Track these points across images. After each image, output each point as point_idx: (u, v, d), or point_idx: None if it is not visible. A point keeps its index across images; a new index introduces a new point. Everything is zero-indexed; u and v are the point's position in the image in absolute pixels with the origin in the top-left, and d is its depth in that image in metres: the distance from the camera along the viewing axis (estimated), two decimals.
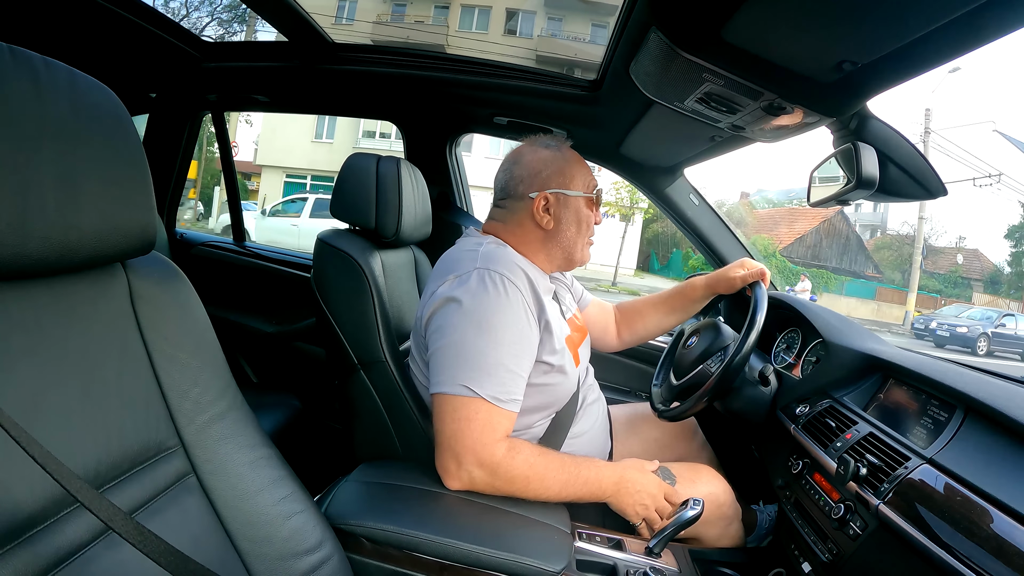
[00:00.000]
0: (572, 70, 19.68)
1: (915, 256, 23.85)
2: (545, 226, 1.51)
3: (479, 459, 1.25)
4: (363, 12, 24.35)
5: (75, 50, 2.27)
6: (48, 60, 0.70)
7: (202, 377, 0.93)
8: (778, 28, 1.11)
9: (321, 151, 26.55)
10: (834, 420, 1.37)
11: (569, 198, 1.52)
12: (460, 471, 1.27)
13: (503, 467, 1.26)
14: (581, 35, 24.47)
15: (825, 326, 1.68)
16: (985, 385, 1.17)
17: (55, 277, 0.76)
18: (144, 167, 0.81)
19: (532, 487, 1.29)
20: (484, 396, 1.26)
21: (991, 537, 0.86)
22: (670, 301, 1.95)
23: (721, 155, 2.06)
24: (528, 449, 1.32)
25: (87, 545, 0.73)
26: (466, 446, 1.26)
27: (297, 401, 2.30)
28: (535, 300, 1.39)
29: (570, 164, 1.54)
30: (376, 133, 26.31)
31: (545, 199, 1.49)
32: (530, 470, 1.29)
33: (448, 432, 1.28)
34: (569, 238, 1.54)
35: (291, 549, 0.95)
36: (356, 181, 1.74)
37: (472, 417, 1.26)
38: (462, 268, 1.37)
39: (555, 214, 1.51)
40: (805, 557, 1.28)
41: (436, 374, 1.33)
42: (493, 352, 1.29)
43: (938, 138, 20.68)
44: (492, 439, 1.27)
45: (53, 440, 0.69)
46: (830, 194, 1.48)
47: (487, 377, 1.27)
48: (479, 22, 25.15)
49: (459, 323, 1.31)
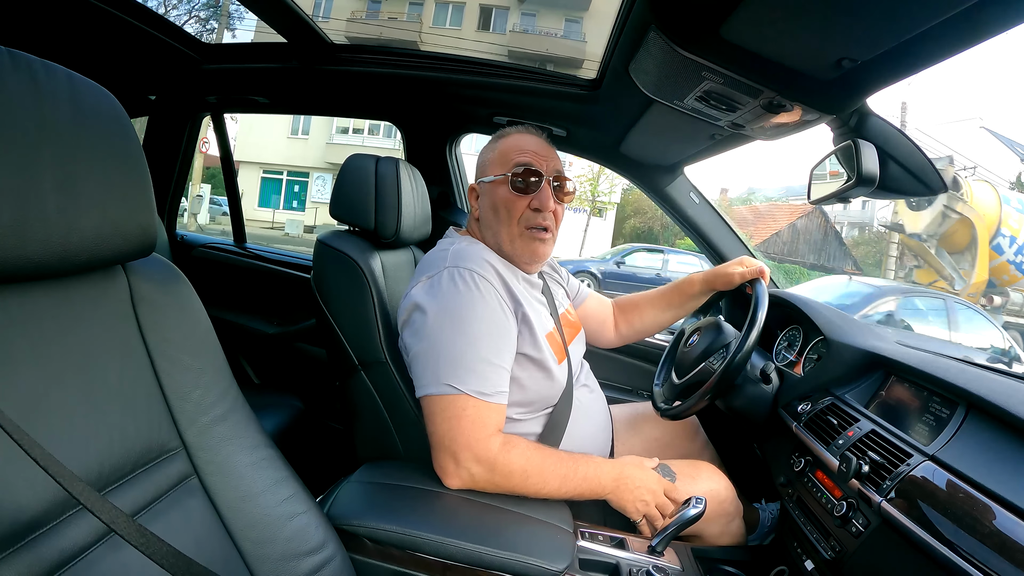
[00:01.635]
0: (545, 65, 19.71)
1: (889, 251, 23.70)
2: (476, 216, 1.55)
3: (475, 455, 1.26)
4: (339, 10, 24.46)
5: (74, 53, 2.28)
6: (47, 63, 0.70)
7: (204, 379, 0.93)
8: (777, 26, 1.11)
9: (297, 147, 26.83)
10: (836, 417, 1.37)
11: (486, 184, 1.53)
12: (459, 469, 1.27)
13: (500, 462, 1.27)
14: (555, 30, 24.51)
15: (826, 323, 1.68)
16: (987, 382, 1.17)
17: (56, 280, 0.76)
18: (144, 169, 0.82)
19: (531, 482, 1.30)
20: (468, 392, 1.27)
21: (994, 533, 0.86)
22: (667, 296, 1.96)
23: (721, 153, 2.06)
24: (524, 444, 1.32)
25: (90, 547, 0.73)
26: (460, 443, 1.26)
27: (299, 402, 2.30)
28: (508, 293, 1.40)
29: (495, 150, 1.55)
30: (349, 129, 26.58)
31: (473, 190, 1.54)
32: (528, 464, 1.29)
33: (440, 432, 1.28)
34: (492, 228, 1.53)
35: (294, 550, 0.95)
36: (355, 182, 1.74)
37: (460, 414, 1.27)
38: (434, 269, 1.39)
39: (480, 203, 1.54)
40: (808, 555, 1.28)
41: (419, 377, 1.33)
42: (471, 348, 1.30)
43: (915, 133, 20.68)
44: (485, 434, 1.27)
45: (55, 442, 0.70)
46: (830, 192, 1.48)
47: (468, 373, 1.28)
48: (453, 18, 25.24)
49: (434, 323, 1.32)
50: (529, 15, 25.19)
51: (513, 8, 25.27)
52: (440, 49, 16.19)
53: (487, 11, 25.52)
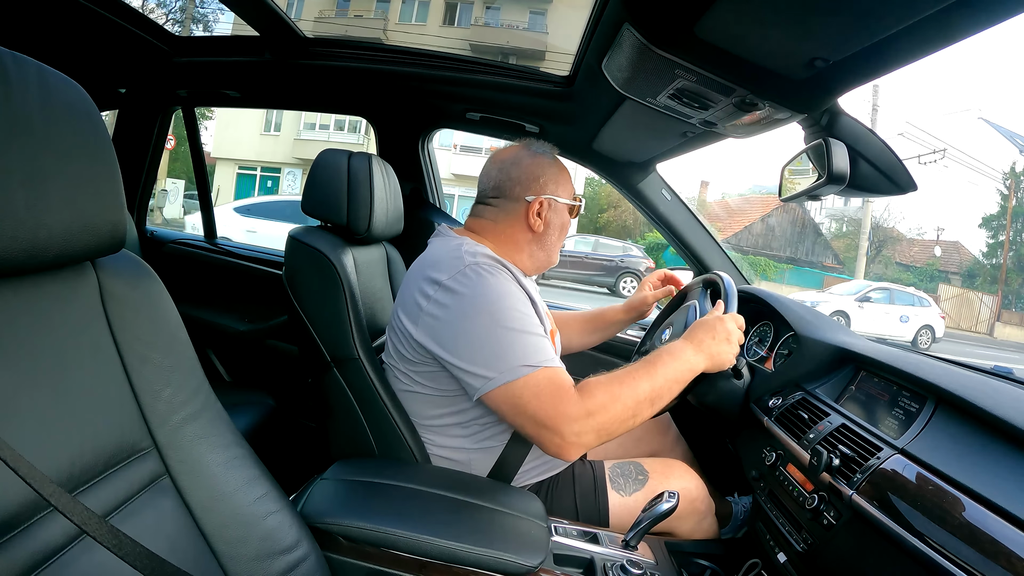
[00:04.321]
0: (508, 58, 19.67)
1: (861, 242, 23.63)
2: (536, 229, 1.55)
3: (570, 417, 1.24)
4: (309, 10, 24.39)
5: (42, 44, 2.23)
6: (17, 55, 0.69)
7: (174, 377, 0.92)
8: (750, 25, 1.12)
9: (268, 143, 26.72)
10: (807, 412, 1.38)
11: (559, 205, 1.57)
12: (564, 441, 1.25)
13: (590, 405, 1.26)
14: (518, 23, 24.49)
15: (797, 320, 1.70)
16: (955, 376, 1.19)
17: (24, 277, 0.75)
18: (114, 164, 0.80)
19: (626, 398, 1.29)
20: (540, 364, 1.27)
21: (963, 525, 0.87)
22: (591, 321, 2.08)
23: (693, 150, 2.07)
24: (593, 381, 1.31)
25: (63, 549, 0.72)
26: (552, 417, 1.25)
27: (271, 399, 2.28)
28: (524, 292, 1.42)
29: (562, 172, 1.60)
30: (316, 125, 26.56)
31: (540, 203, 1.53)
32: (610, 388, 1.29)
33: (530, 413, 1.26)
34: (552, 242, 1.60)
35: (267, 549, 0.95)
36: (327, 177, 1.72)
37: (540, 391, 1.26)
38: (452, 269, 1.38)
39: (546, 219, 1.55)
40: (780, 547, 1.29)
41: (482, 374, 1.30)
42: (518, 327, 1.31)
43: (906, 126, 20.86)
44: (566, 396, 1.26)
45: (24, 443, 0.68)
46: (801, 189, 1.50)
47: (526, 349, 1.29)
48: (419, 14, 25.22)
49: (475, 319, 1.32)
50: (493, 8, 25.13)
51: (477, 1, 25.19)
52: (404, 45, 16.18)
53: (452, 6, 25.47)
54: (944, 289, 29.34)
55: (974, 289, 29.41)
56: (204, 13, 16.86)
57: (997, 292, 28.60)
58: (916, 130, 26.17)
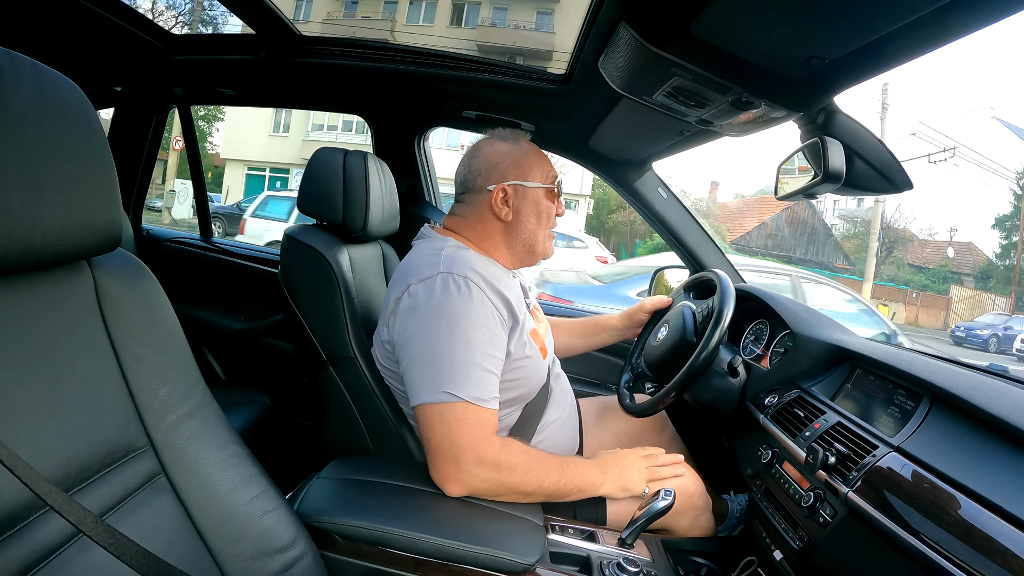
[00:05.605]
0: (513, 58, 19.64)
1: (871, 243, 23.27)
2: (504, 218, 1.53)
3: (479, 457, 1.25)
4: (317, 10, 24.39)
5: (37, 42, 2.22)
6: (12, 53, 0.69)
7: (170, 376, 0.92)
8: (747, 24, 1.12)
9: (277, 144, 26.87)
10: (803, 410, 1.38)
11: (527, 189, 1.54)
12: (460, 472, 1.26)
13: (504, 459, 1.27)
14: (524, 23, 24.51)
15: (793, 318, 1.70)
16: (951, 374, 1.19)
17: (19, 276, 0.75)
18: (109, 162, 0.80)
19: (533, 475, 1.31)
20: (467, 398, 1.26)
21: (959, 522, 0.87)
22: (582, 326, 2.07)
23: (689, 149, 2.07)
24: (519, 443, 1.35)
25: (59, 548, 0.72)
26: (462, 447, 1.25)
27: (267, 398, 2.28)
28: (501, 299, 1.40)
29: (528, 156, 1.56)
30: (324, 125, 26.72)
31: (503, 191, 1.51)
32: (528, 458, 1.31)
33: (438, 438, 1.27)
34: (529, 230, 1.56)
35: (264, 548, 0.95)
36: (323, 175, 1.72)
37: (461, 419, 1.26)
38: (424, 274, 1.38)
39: (514, 206, 1.53)
40: (776, 545, 1.30)
41: (414, 386, 1.32)
42: (466, 354, 1.29)
43: (918, 126, 20.83)
44: (486, 436, 1.27)
45: (20, 442, 0.68)
46: (797, 188, 1.50)
47: (465, 380, 1.27)
48: (426, 15, 25.27)
49: (428, 330, 1.32)
50: (500, 8, 25.17)
51: (484, 2, 25.22)
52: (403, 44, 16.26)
53: (459, 7, 25.52)
54: (957, 291, 29.12)
55: (987, 291, 29.18)
56: (213, 16, 16.86)
57: (1011, 294, 28.45)
58: (929, 130, 26.03)
